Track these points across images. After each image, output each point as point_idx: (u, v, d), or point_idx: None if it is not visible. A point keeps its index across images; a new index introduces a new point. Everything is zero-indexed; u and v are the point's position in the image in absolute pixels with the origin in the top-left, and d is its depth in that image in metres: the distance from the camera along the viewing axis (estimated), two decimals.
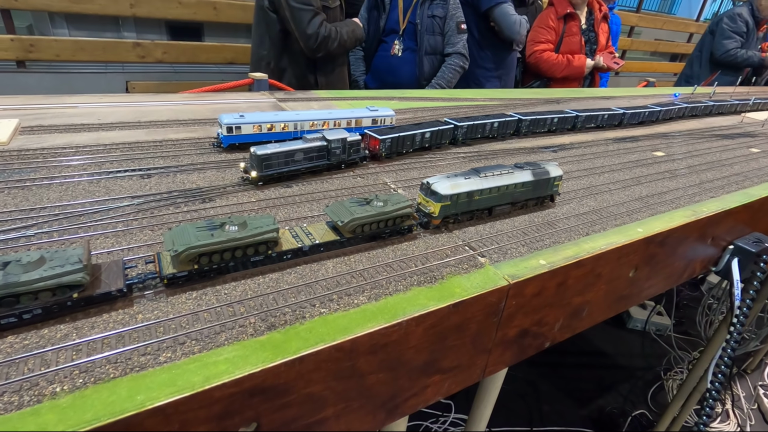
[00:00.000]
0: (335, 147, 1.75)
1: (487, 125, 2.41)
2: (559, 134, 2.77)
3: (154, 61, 6.56)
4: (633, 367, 4.68)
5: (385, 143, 1.98)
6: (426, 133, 2.11)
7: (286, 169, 1.66)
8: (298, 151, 1.66)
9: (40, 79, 6.03)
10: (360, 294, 1.17)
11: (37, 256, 0.93)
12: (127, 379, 0.87)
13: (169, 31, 7.95)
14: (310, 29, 3.51)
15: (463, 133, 2.32)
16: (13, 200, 1.40)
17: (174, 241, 1.06)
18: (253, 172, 1.60)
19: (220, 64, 7.01)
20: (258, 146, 1.60)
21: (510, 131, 2.58)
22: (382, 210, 1.30)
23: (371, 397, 1.20)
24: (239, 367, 0.93)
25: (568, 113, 2.79)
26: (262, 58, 3.97)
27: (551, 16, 5.29)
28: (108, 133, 2.03)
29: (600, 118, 2.93)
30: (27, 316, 0.92)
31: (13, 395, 0.81)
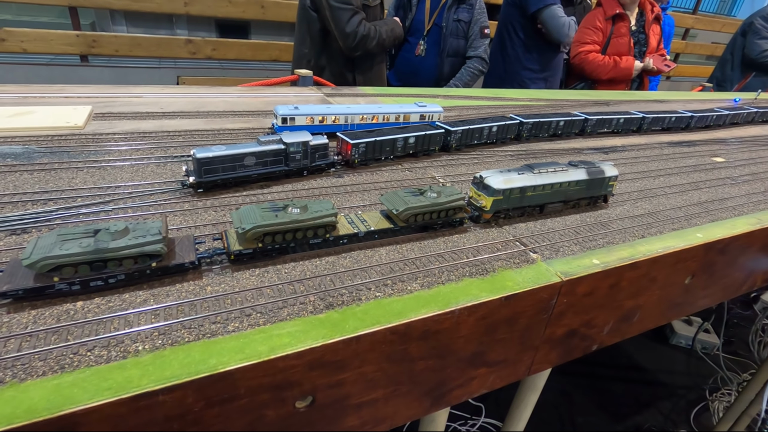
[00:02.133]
0: (294, 151, 1.54)
1: (484, 129, 2.18)
2: (609, 136, 2.69)
3: (203, 58, 6.85)
4: (675, 385, 4.46)
5: (359, 149, 1.73)
6: (410, 138, 1.87)
7: (232, 175, 1.46)
8: (249, 155, 1.46)
9: (99, 73, 6.43)
10: (413, 281, 1.19)
11: (122, 226, 1.01)
12: (200, 343, 0.93)
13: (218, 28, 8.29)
14: (349, 28, 3.57)
15: (457, 139, 2.08)
16: (91, 178, 1.51)
17: (241, 219, 1.12)
18: (191, 178, 1.41)
19: (265, 61, 7.24)
20: (200, 148, 1.43)
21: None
22: (436, 201, 1.32)
23: (419, 383, 1.22)
24: (301, 341, 0.97)
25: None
26: (303, 56, 4.07)
27: (599, 16, 5.12)
28: (170, 121, 2.16)
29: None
30: (112, 281, 1.01)
31: (102, 350, 0.88)
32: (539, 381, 1.74)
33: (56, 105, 2.15)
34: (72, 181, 1.48)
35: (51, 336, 0.89)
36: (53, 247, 0.94)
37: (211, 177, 1.43)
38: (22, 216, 1.25)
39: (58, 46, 6.04)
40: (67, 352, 0.86)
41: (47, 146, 1.73)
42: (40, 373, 0.82)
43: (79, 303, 0.98)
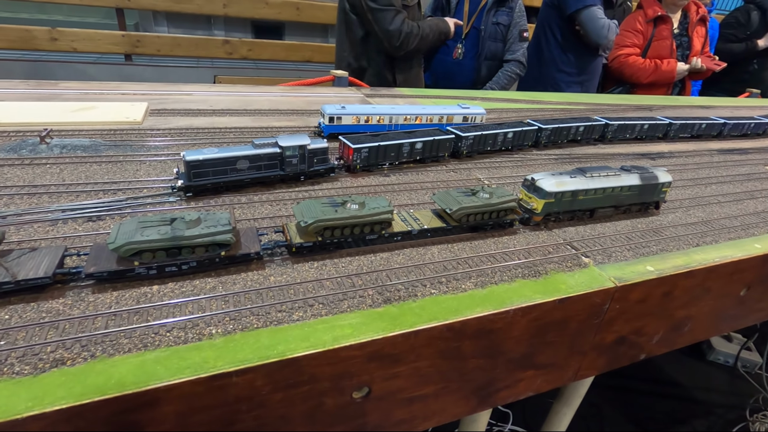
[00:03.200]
0: (290, 155, 1.48)
1: (498, 135, 2.09)
2: (654, 142, 2.62)
3: (239, 58, 7.04)
4: (712, 403, 4.27)
5: (361, 154, 1.66)
6: (417, 143, 1.79)
7: (224, 179, 1.40)
8: (242, 159, 1.40)
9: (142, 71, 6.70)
10: (467, 280, 1.20)
11: (195, 216, 1.07)
12: (267, 330, 0.97)
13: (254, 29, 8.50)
14: (393, 27, 3.60)
15: (468, 145, 1.98)
16: (153, 170, 1.59)
17: (303, 213, 1.16)
18: (179, 181, 1.36)
19: (298, 62, 7.37)
20: (191, 150, 1.39)
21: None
22: (488, 201, 1.33)
23: (468, 381, 1.23)
24: (362, 333, 1.00)
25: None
26: (342, 58, 4.14)
27: (639, 19, 4.98)
28: (220, 118, 2.24)
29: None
30: (185, 267, 1.06)
31: (180, 331, 0.93)
32: (581, 388, 1.71)
33: (114, 101, 2.27)
34: (137, 172, 1.56)
35: (133, 316, 0.95)
36: (135, 234, 1.00)
37: (201, 181, 1.37)
38: (97, 204, 1.33)
39: (105, 45, 6.34)
40: (148, 332, 0.92)
41: (111, 139, 1.83)
42: (126, 349, 0.88)
43: (155, 287, 1.04)
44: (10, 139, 1.73)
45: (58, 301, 0.97)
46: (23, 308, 0.94)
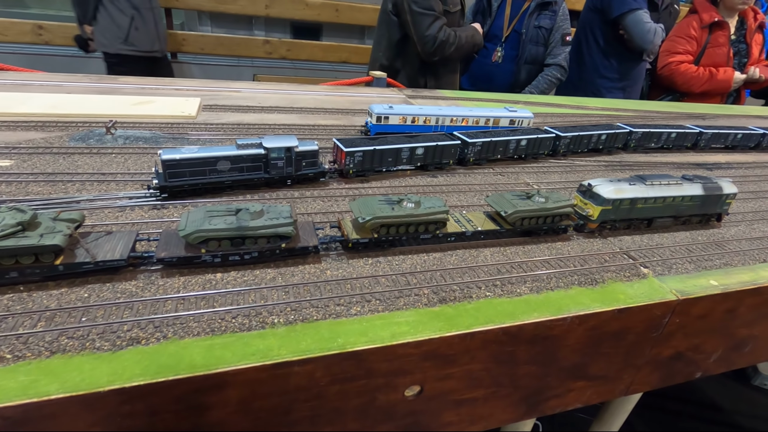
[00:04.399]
0: (275, 157, 1.38)
1: (510, 143, 1.97)
2: (709, 152, 2.50)
3: (278, 57, 7.19)
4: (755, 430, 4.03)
5: (354, 158, 1.54)
6: (418, 148, 1.67)
7: (202, 181, 1.32)
8: (222, 159, 1.32)
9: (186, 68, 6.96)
10: (522, 284, 1.18)
11: (259, 208, 1.10)
12: (327, 322, 0.99)
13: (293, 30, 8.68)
14: (429, 33, 3.59)
15: (475, 152, 1.87)
16: None
17: (360, 210, 1.17)
18: (155, 180, 1.29)
19: (334, 63, 7.47)
20: (167, 149, 1.31)
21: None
22: (544, 206, 1.30)
23: (519, 388, 1.21)
24: (419, 331, 1.00)
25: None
26: (377, 59, 4.16)
27: (693, 24, 4.75)
28: (269, 115, 2.29)
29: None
30: (247, 257, 1.09)
31: (244, 319, 0.96)
32: (628, 404, 1.65)
33: (169, 96, 2.36)
34: None
35: (200, 301, 0.99)
36: (203, 222, 1.04)
37: (178, 181, 1.30)
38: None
39: None
40: (215, 317, 0.95)
41: (169, 132, 1.91)
42: (195, 333, 0.91)
43: (219, 274, 1.07)
44: (78, 129, 1.83)
45: (130, 283, 1.02)
46: (100, 288, 0.99)
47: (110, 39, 3.75)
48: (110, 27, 3.70)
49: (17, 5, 6.95)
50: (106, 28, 3.71)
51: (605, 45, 4.74)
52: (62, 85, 2.39)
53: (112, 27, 3.69)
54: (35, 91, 2.24)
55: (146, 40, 3.88)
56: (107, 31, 3.72)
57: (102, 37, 3.77)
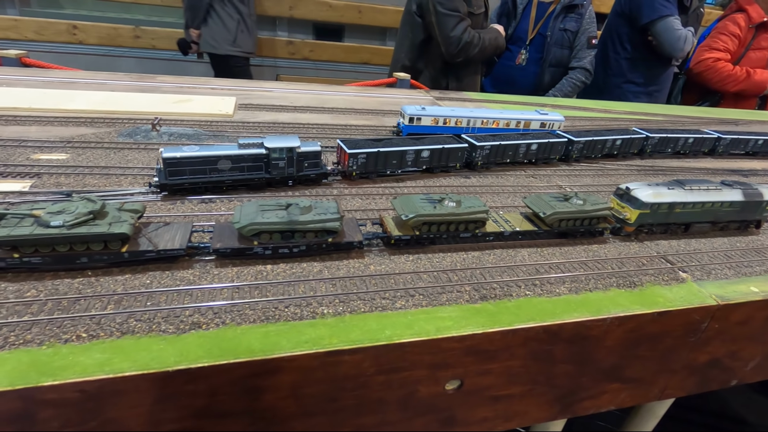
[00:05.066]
0: (277, 157, 1.37)
1: (521, 146, 1.92)
2: (745, 158, 2.46)
3: (301, 58, 7.30)
4: None
5: (357, 160, 1.52)
6: (423, 151, 1.63)
7: (203, 179, 1.32)
8: (223, 158, 1.32)
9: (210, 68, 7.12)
10: (560, 284, 1.20)
11: (308, 203, 1.14)
12: (374, 315, 1.02)
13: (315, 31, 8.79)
14: (454, 34, 3.60)
15: (484, 156, 1.83)
16: None
17: (402, 207, 1.21)
18: (155, 178, 1.29)
19: (356, 64, 7.54)
20: (168, 147, 1.31)
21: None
22: (582, 208, 1.32)
23: (554, 387, 1.22)
24: (462, 326, 1.02)
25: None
26: (399, 60, 4.19)
27: (740, 22, 4.55)
28: (302, 114, 2.35)
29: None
30: (296, 250, 1.14)
31: (296, 308, 1.01)
32: (660, 409, 1.65)
33: (205, 95, 2.44)
34: None
35: (254, 290, 1.04)
36: (256, 216, 1.09)
37: (178, 179, 1.30)
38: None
39: None
40: (269, 306, 1.00)
41: (209, 129, 1.98)
42: (251, 320, 0.96)
43: (269, 266, 1.12)
44: (124, 126, 1.91)
45: (188, 272, 1.07)
46: (160, 275, 1.05)
47: (219, 41, 4.14)
48: (220, 30, 4.09)
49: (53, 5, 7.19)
50: (217, 31, 4.10)
51: (632, 50, 4.67)
52: (105, 83, 2.49)
53: (222, 30, 4.09)
54: (80, 88, 2.34)
55: (248, 42, 4.31)
56: (218, 34, 4.11)
57: (211, 39, 4.16)
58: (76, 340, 0.86)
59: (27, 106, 1.97)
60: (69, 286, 0.98)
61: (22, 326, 0.87)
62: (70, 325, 0.89)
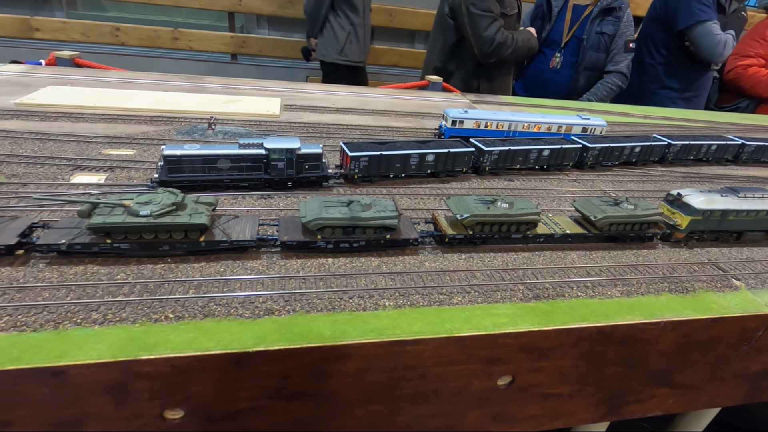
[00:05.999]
0: (276, 158, 1.37)
1: (531, 152, 1.87)
2: None
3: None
4: None
5: (359, 163, 1.50)
6: (428, 155, 1.62)
7: (202, 177, 1.33)
8: (223, 158, 1.33)
9: (245, 69, 7.32)
10: (612, 287, 1.21)
11: (368, 201, 1.20)
12: (432, 309, 1.07)
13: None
14: (487, 34, 3.60)
15: (492, 161, 1.81)
16: None
17: (457, 207, 1.25)
18: (155, 174, 1.32)
19: (384, 65, 7.61)
20: (170, 145, 1.33)
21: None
22: (633, 213, 1.33)
23: (603, 389, 1.24)
24: (517, 323, 1.06)
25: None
26: (431, 61, 4.22)
27: None
28: (344, 116, 2.42)
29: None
30: (355, 245, 1.19)
31: (360, 300, 1.06)
32: (703, 420, 1.63)
33: (250, 96, 2.55)
34: None
35: (319, 281, 1.10)
36: (320, 211, 1.15)
37: (178, 177, 1.32)
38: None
39: (215, 45, 7.03)
40: (334, 296, 1.06)
41: (259, 129, 2.07)
42: (318, 308, 1.02)
43: (330, 259, 1.18)
44: (181, 124, 2.02)
45: (256, 262, 1.14)
46: (232, 264, 1.12)
47: (329, 50, 4.39)
48: (331, 40, 4.33)
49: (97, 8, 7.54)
50: (328, 40, 4.35)
51: (668, 55, 4.57)
52: (158, 84, 2.62)
53: (332, 40, 4.33)
54: (135, 88, 2.48)
55: (356, 52, 4.49)
56: (329, 44, 4.36)
57: (323, 48, 4.42)
58: (164, 320, 0.94)
59: (92, 104, 2.10)
60: (152, 271, 1.07)
61: (117, 305, 0.95)
62: (158, 306, 0.96)
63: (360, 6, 4.33)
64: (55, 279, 1.00)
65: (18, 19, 6.10)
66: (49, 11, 6.91)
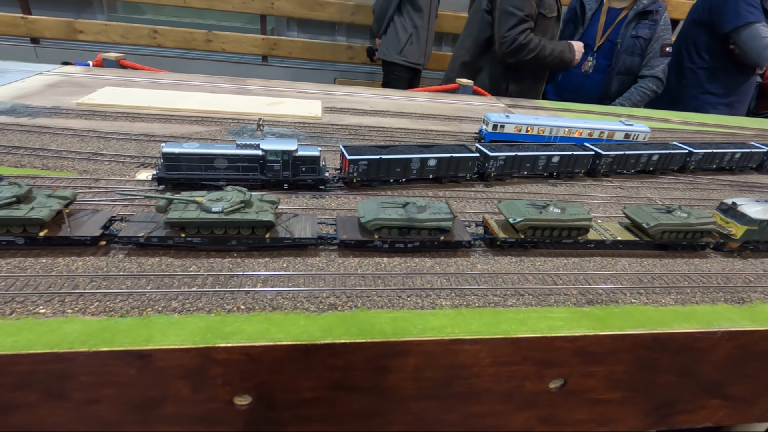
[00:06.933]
0: (272, 160, 1.37)
1: (540, 158, 1.82)
2: None
3: (359, 62, 7.52)
4: None
5: (358, 167, 1.47)
6: (430, 159, 1.58)
7: (198, 176, 1.35)
8: (220, 157, 1.34)
9: (275, 71, 7.48)
10: (665, 295, 1.21)
11: (423, 203, 1.23)
12: (488, 310, 1.09)
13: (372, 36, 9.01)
14: (510, 33, 3.52)
15: (498, 167, 1.75)
16: None
17: (508, 211, 1.27)
18: (153, 171, 1.36)
19: None
20: (169, 143, 1.36)
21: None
22: (686, 221, 1.32)
23: (653, 397, 1.24)
24: (572, 327, 1.07)
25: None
26: (459, 56, 4.18)
27: None
28: (383, 118, 2.47)
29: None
30: (410, 246, 1.23)
31: (417, 299, 1.10)
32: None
33: (291, 98, 2.62)
34: (334, 161, 1.81)
35: (377, 280, 1.14)
36: (378, 212, 1.19)
37: (175, 174, 1.34)
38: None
39: (247, 47, 7.21)
40: (393, 294, 1.09)
41: (304, 131, 2.13)
42: (378, 305, 1.06)
43: (386, 259, 1.22)
44: (230, 125, 2.10)
45: (316, 259, 1.19)
46: (293, 260, 1.17)
47: (390, 50, 4.59)
48: (393, 41, 4.53)
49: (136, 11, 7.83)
50: (390, 41, 4.55)
51: (711, 59, 4.45)
52: (204, 85, 2.73)
53: (394, 40, 4.52)
54: (184, 89, 2.59)
55: (415, 54, 4.63)
56: (390, 43, 4.56)
57: (385, 48, 4.62)
58: (237, 310, 1.00)
59: (147, 104, 2.21)
60: (221, 264, 1.13)
61: (193, 296, 1.01)
62: (231, 298, 1.02)
63: (426, 9, 4.42)
64: (134, 269, 1.07)
65: (64, 21, 6.40)
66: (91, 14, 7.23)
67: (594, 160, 1.91)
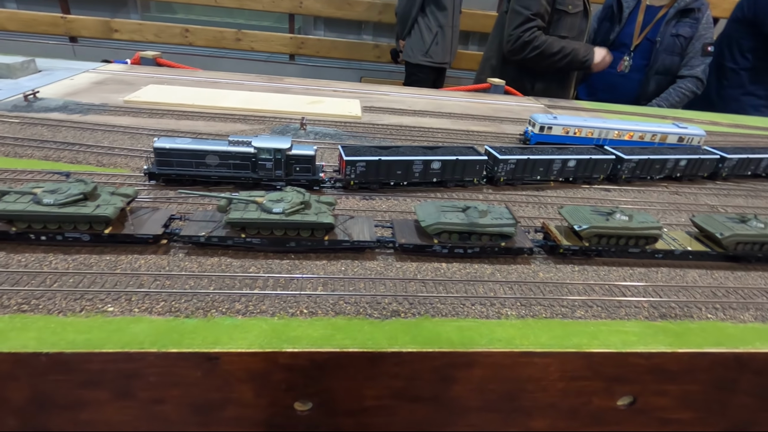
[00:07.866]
0: (264, 158, 1.31)
1: (555, 162, 1.70)
2: None
3: (385, 61, 7.49)
4: None
5: (356, 168, 1.40)
6: (434, 162, 1.49)
7: (189, 172, 1.31)
8: (211, 154, 1.30)
9: (302, 69, 7.52)
10: (744, 311, 1.14)
11: (484, 207, 1.19)
12: (555, 321, 1.04)
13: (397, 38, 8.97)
14: (515, 31, 3.40)
15: (508, 171, 1.65)
16: None
17: (573, 218, 1.22)
18: (145, 165, 1.32)
19: None
20: (162, 138, 1.32)
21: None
22: (764, 232, 1.24)
23: (726, 418, 1.16)
24: (648, 343, 1.01)
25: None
26: (488, 58, 4.10)
27: None
28: (421, 118, 2.43)
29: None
30: (469, 251, 1.19)
31: (481, 307, 1.05)
32: None
33: (330, 97, 2.60)
34: None
35: (438, 286, 1.10)
36: (439, 216, 1.16)
37: (166, 170, 1.31)
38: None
39: (275, 46, 7.28)
40: (456, 302, 1.06)
41: (345, 130, 2.11)
42: (443, 313, 1.02)
43: (444, 264, 1.19)
44: (273, 123, 2.10)
45: (373, 262, 1.16)
46: (351, 263, 1.15)
47: (415, 51, 4.56)
48: (418, 42, 4.48)
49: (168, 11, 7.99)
50: (415, 42, 4.51)
51: (755, 60, 4.25)
52: (244, 84, 2.74)
53: (419, 42, 4.47)
54: (224, 88, 2.60)
55: (441, 53, 4.59)
56: (415, 44, 4.51)
57: (409, 50, 4.59)
58: (300, 314, 0.98)
59: (190, 102, 2.23)
60: (280, 266, 1.11)
61: (256, 298, 1.00)
62: (293, 301, 1.00)
63: (450, 7, 4.35)
64: (196, 269, 1.07)
65: (100, 21, 6.58)
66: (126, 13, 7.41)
67: (615, 165, 1.78)
